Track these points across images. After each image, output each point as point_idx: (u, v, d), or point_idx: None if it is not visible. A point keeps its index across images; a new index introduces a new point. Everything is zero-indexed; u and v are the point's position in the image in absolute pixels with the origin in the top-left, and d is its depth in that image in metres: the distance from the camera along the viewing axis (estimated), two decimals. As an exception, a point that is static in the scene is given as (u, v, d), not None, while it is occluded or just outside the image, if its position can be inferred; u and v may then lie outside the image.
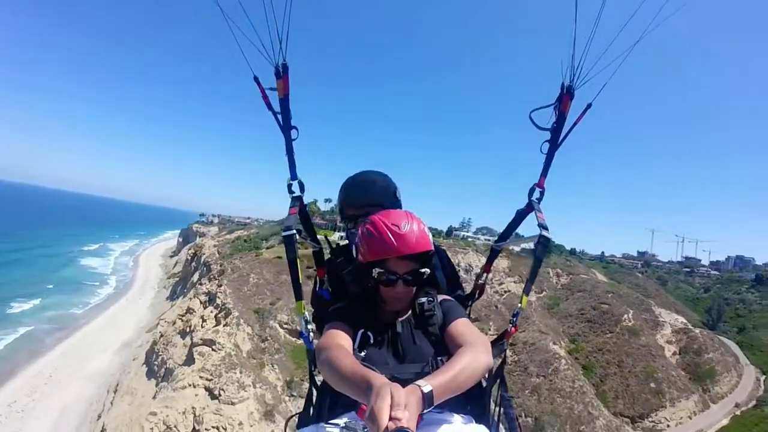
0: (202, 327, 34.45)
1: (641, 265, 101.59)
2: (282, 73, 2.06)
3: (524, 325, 49.31)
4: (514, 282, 62.41)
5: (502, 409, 2.23)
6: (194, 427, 26.34)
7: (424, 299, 2.02)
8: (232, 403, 27.02)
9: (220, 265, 47.66)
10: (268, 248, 52.87)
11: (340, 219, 2.72)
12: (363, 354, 1.83)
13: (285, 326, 36.16)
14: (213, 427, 26.15)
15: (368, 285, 1.96)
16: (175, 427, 26.19)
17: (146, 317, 60.95)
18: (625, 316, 56.89)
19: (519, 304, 2.32)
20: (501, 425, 2.20)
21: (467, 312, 2.37)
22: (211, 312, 36.23)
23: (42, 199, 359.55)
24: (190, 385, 27.64)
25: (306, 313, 2.28)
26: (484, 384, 2.18)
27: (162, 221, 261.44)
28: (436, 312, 2.01)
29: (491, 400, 2.21)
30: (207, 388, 27.61)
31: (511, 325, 2.34)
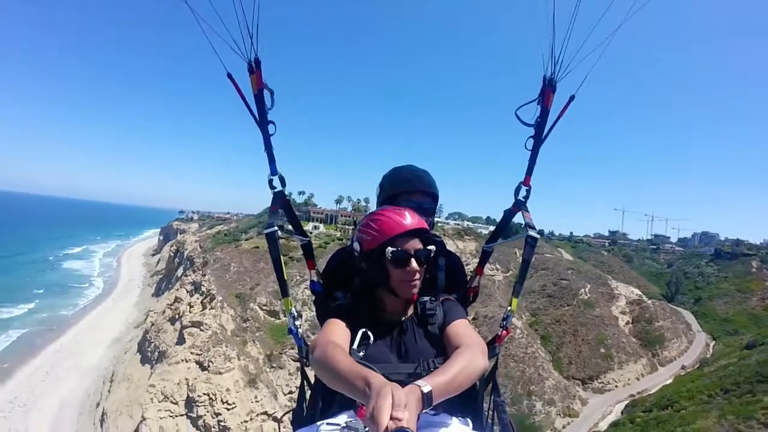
0: (189, 312, 39.05)
1: (609, 243, 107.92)
2: (255, 68, 2.09)
3: (487, 301, 54.96)
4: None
5: (495, 413, 2.27)
6: (188, 395, 31.21)
7: (426, 298, 2.05)
8: (220, 373, 31.94)
9: (203, 258, 52.16)
10: (246, 240, 57.51)
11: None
12: (361, 353, 1.81)
13: (264, 308, 40.97)
14: (204, 394, 31.04)
15: (377, 276, 1.96)
16: (171, 396, 31.03)
17: (133, 314, 64.91)
18: (582, 290, 63.05)
19: (509, 307, 2.37)
20: (494, 428, 2.22)
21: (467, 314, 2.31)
22: (197, 299, 40.85)
23: (14, 203, 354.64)
24: (182, 360, 32.52)
25: (293, 309, 2.28)
26: (478, 386, 2.20)
27: (141, 221, 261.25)
28: (438, 311, 2.01)
29: (483, 404, 2.24)
30: (197, 362, 32.48)
31: (501, 329, 2.40)
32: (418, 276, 1.92)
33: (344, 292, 2.26)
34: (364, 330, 1.89)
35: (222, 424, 30.37)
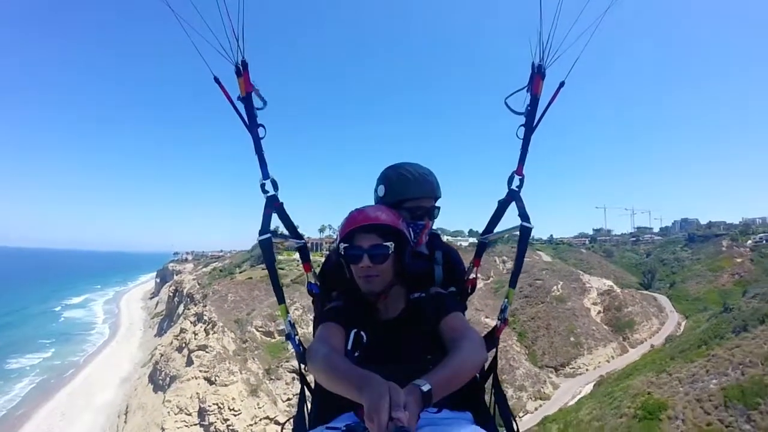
0: (195, 339, 45.65)
1: (589, 241, 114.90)
2: (242, 71, 2.13)
3: (463, 305, 61.54)
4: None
5: (497, 407, 2.29)
6: (200, 406, 37.73)
7: (417, 294, 2.09)
8: (226, 386, 38.51)
9: (203, 292, 58.98)
10: (240, 272, 64.47)
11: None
12: (356, 354, 1.86)
13: (260, 329, 47.51)
14: (213, 404, 37.56)
15: (348, 274, 2.03)
16: (185, 408, 37.55)
17: (138, 355, 69.56)
18: (555, 287, 70.04)
19: (506, 299, 2.40)
20: (497, 423, 2.22)
21: (464, 307, 2.40)
22: (201, 327, 47.45)
23: (7, 258, 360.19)
24: (193, 378, 39.11)
25: (290, 315, 2.34)
26: (478, 379, 2.22)
27: (135, 266, 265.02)
28: (430, 306, 2.02)
29: (484, 397, 2.22)
30: (205, 378, 39.08)
31: (500, 321, 2.43)
32: (373, 272, 1.94)
33: (336, 292, 2.29)
34: (356, 331, 1.93)
35: (231, 428, 36.82)
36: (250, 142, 2.25)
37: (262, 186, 2.30)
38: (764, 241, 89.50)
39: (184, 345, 46.89)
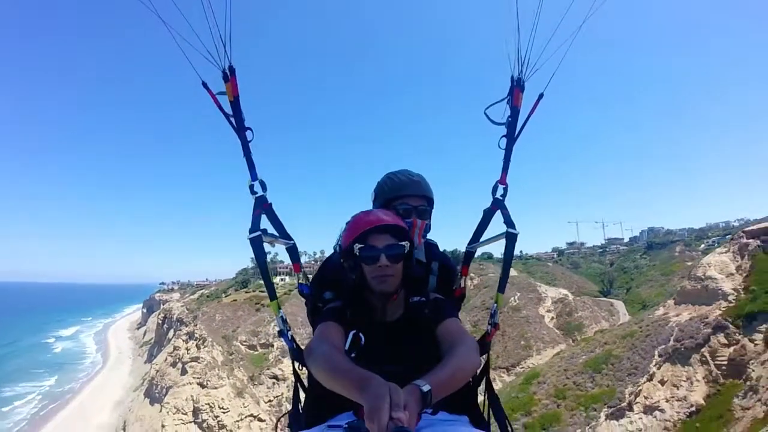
0: (187, 354, 54.70)
1: (557, 255, 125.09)
2: (230, 76, 2.25)
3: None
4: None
5: (491, 409, 2.40)
6: (194, 406, 46.86)
7: (416, 298, 2.18)
8: (216, 389, 47.75)
9: (193, 315, 68.22)
10: (226, 296, 73.95)
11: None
12: (353, 354, 1.93)
13: (244, 343, 56.74)
14: (206, 404, 46.74)
15: (354, 274, 2.10)
16: (182, 408, 46.69)
17: (129, 381, 75.94)
18: (513, 298, 79.80)
19: (495, 303, 2.59)
20: (491, 425, 2.33)
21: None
22: (192, 343, 56.46)
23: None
24: (187, 383, 48.28)
25: (282, 311, 2.46)
26: (472, 383, 2.34)
27: (120, 298, 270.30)
28: (428, 311, 2.13)
29: (478, 400, 2.32)
30: (198, 383, 48.26)
31: (490, 326, 2.63)
32: (390, 272, 2.02)
33: (334, 293, 2.41)
34: (354, 332, 2.02)
35: (221, 423, 45.94)
36: (238, 146, 2.41)
37: (251, 187, 2.44)
38: (716, 245, 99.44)
39: (177, 360, 55.81)
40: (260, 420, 46.86)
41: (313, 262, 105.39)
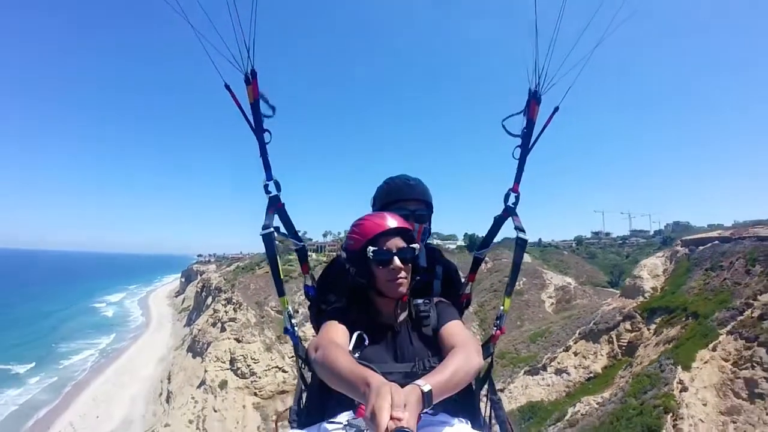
0: (226, 315, 66.92)
1: (575, 244, 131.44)
2: (251, 79, 2.35)
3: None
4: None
5: (492, 411, 2.46)
6: (231, 357, 59.00)
7: (420, 301, 2.25)
8: (249, 343, 59.70)
9: (231, 283, 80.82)
10: (260, 269, 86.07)
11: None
12: (357, 355, 1.94)
13: (274, 309, 68.05)
14: (240, 355, 58.71)
15: (363, 278, 2.14)
16: (221, 358, 58.89)
17: (170, 341, 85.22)
18: (519, 283, 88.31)
19: (501, 307, 2.63)
20: (492, 427, 2.39)
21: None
22: (230, 307, 68.61)
23: (40, 261, 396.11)
24: (226, 338, 60.40)
25: (289, 308, 2.62)
26: (473, 386, 2.36)
27: (160, 268, 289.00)
28: (432, 313, 2.21)
29: (480, 402, 2.40)
30: (235, 338, 60.32)
31: (496, 329, 2.67)
32: (403, 274, 2.07)
33: (337, 295, 2.48)
34: (359, 332, 2.05)
35: (252, 371, 57.92)
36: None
37: (266, 187, 2.57)
38: (718, 242, 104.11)
39: (217, 320, 67.96)
40: (284, 371, 58.28)
41: (336, 241, 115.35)
